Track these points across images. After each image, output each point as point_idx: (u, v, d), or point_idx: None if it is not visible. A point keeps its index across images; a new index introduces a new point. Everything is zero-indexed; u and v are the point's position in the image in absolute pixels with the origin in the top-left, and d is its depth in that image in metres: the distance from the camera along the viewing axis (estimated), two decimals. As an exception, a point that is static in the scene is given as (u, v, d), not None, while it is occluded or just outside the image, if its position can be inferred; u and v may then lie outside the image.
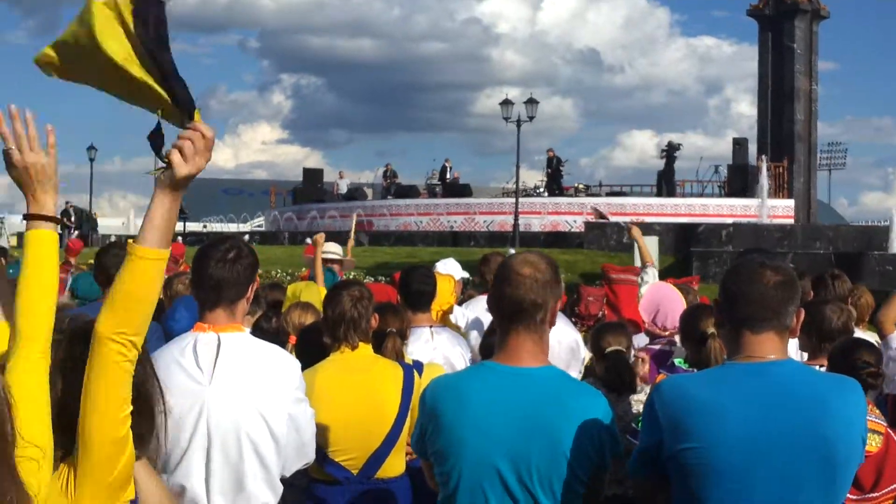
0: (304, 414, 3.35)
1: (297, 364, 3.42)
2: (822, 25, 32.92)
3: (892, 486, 3.55)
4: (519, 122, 31.56)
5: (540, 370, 2.82)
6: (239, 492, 3.17)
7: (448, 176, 36.01)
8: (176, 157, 2.26)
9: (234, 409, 3.17)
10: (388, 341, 4.49)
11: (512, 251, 14.62)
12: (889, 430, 3.65)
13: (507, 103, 31.95)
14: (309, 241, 7.90)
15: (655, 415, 2.63)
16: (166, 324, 5.22)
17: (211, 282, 3.29)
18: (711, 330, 4.43)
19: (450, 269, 7.05)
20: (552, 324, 2.89)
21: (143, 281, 2.27)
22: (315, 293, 6.67)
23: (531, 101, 31.75)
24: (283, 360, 3.36)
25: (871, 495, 3.51)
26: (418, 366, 4.61)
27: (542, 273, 2.82)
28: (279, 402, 3.25)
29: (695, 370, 4.48)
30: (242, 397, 3.19)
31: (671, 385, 2.67)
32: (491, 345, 3.48)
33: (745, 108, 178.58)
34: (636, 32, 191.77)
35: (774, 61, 32.24)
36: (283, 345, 5.12)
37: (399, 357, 4.50)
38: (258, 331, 4.85)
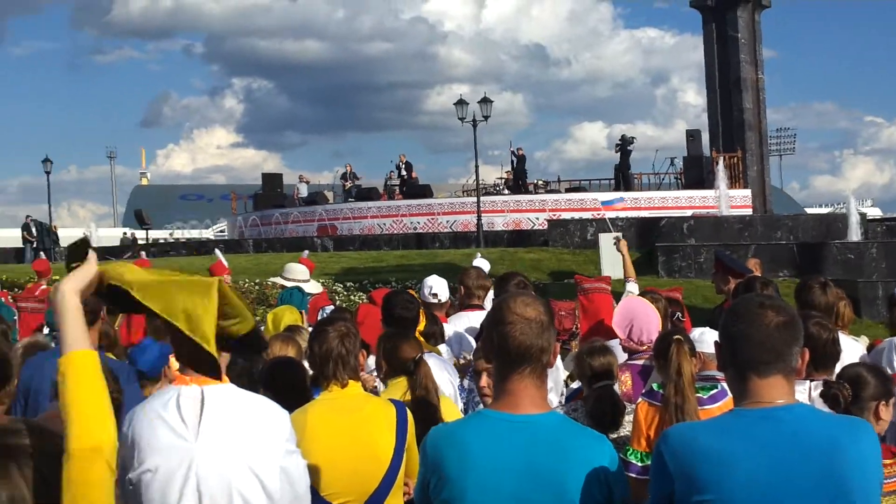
0: (297, 466, 3.23)
1: (286, 414, 3.30)
2: (763, 14, 33.21)
3: None
4: (475, 122, 31.51)
5: (540, 417, 2.75)
6: (232, 552, 3.06)
7: (403, 173, 35.70)
8: None
9: (224, 467, 3.05)
10: (420, 369, 4.46)
11: (479, 256, 14.51)
12: None
13: (461, 103, 31.89)
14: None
15: (665, 465, 2.56)
16: (133, 354, 5.07)
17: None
18: (677, 336, 4.40)
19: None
20: (552, 366, 2.84)
21: None
22: (296, 316, 6.63)
23: (485, 101, 31.70)
24: (271, 412, 3.24)
25: None
26: None
27: (545, 315, 2.77)
28: (270, 456, 3.12)
29: None
30: (232, 453, 3.06)
31: (678, 434, 2.60)
32: None
33: (692, 98, 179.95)
34: (580, 27, 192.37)
35: (720, 51, 32.46)
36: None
37: (433, 384, 4.47)
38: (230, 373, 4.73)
